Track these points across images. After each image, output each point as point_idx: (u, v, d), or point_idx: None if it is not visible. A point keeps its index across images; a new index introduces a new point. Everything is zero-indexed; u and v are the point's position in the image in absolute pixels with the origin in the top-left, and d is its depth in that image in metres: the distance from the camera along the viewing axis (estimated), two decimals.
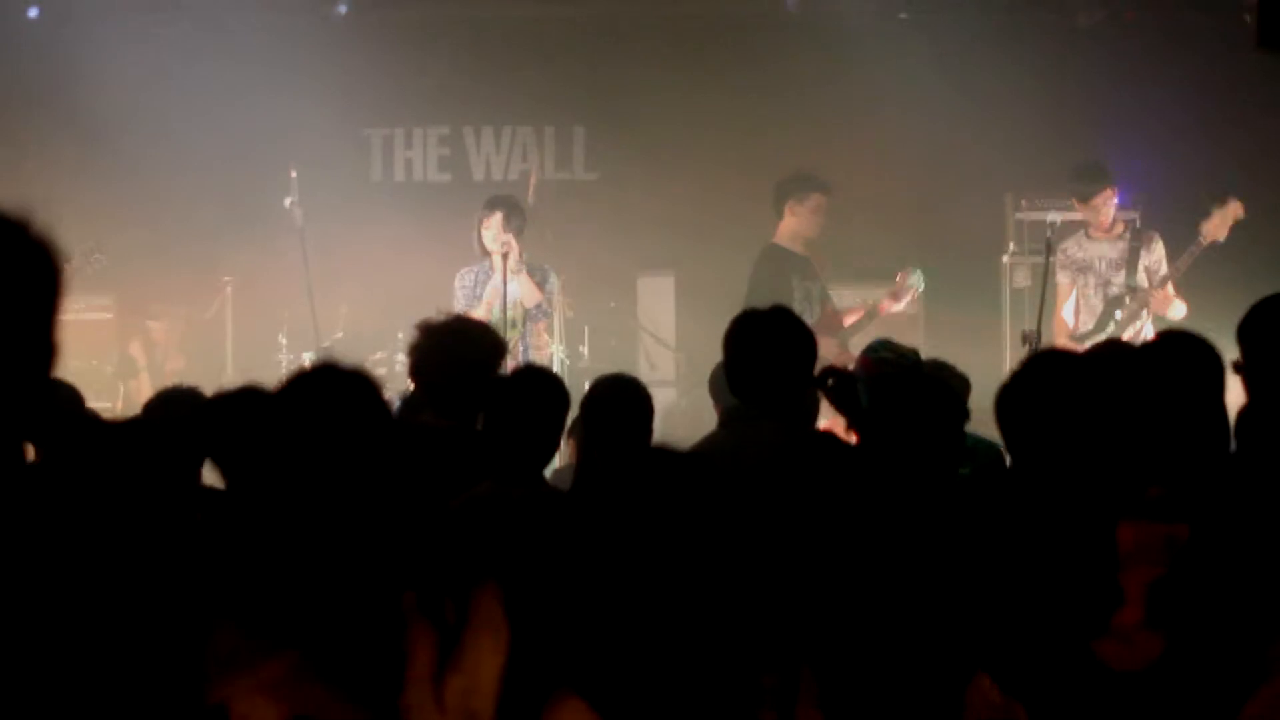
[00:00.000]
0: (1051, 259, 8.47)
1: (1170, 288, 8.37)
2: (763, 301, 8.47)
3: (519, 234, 8.38)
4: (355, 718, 2.15)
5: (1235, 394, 3.54)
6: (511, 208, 8.45)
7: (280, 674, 2.14)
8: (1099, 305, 8.50)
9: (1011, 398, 3.48)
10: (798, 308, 8.54)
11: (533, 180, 9.93)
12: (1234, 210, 8.20)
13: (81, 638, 1.97)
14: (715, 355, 6.08)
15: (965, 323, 9.12)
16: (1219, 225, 8.19)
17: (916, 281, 8.71)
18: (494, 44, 10.69)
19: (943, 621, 3.11)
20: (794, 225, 8.76)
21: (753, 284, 8.69)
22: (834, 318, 8.74)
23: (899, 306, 8.75)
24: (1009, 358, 9.15)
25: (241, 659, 2.15)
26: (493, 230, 8.31)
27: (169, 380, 7.79)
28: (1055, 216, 8.52)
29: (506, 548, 3.15)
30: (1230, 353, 3.56)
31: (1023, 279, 9.68)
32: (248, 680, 2.14)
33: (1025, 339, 7.83)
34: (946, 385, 4.15)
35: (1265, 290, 3.56)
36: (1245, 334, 3.52)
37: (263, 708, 2.12)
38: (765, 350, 4.34)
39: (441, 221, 10.05)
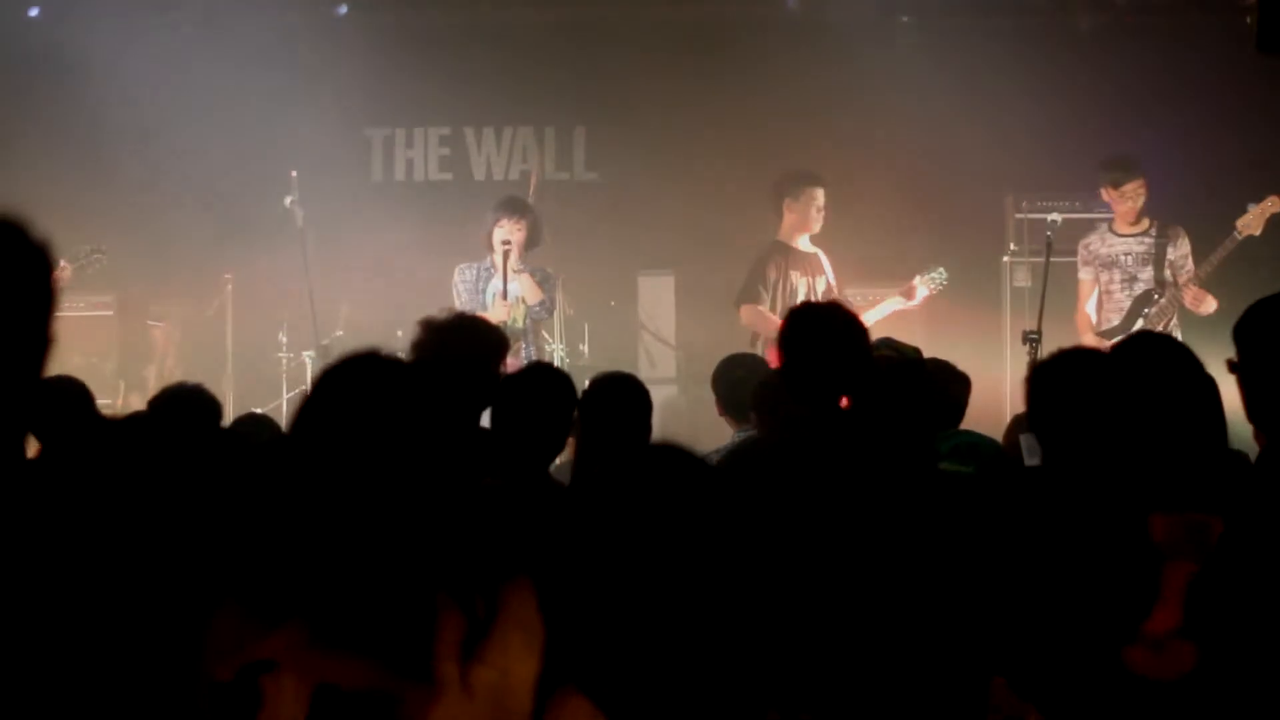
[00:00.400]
0: (1075, 259, 8.50)
1: (1197, 282, 8.33)
2: (757, 295, 8.59)
3: (534, 244, 8.37)
4: (376, 679, 2.14)
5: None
6: (537, 224, 8.39)
7: (291, 644, 2.13)
8: (1125, 301, 8.46)
9: (1044, 395, 3.45)
10: (798, 302, 8.64)
11: (534, 181, 9.93)
12: (1271, 205, 8.21)
13: (83, 624, 1.98)
14: (715, 353, 6.10)
15: (966, 322, 9.12)
16: (1255, 220, 8.20)
17: (938, 278, 8.73)
18: (494, 45, 10.69)
19: (956, 622, 3.08)
20: (792, 221, 8.79)
21: (749, 277, 8.73)
22: None
23: (913, 303, 8.75)
24: (1009, 358, 9.16)
25: (249, 634, 2.15)
26: (505, 230, 8.26)
27: (169, 379, 7.79)
28: (1055, 216, 8.52)
29: (529, 544, 3.14)
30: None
31: (1023, 279, 9.69)
32: (260, 651, 2.13)
33: (1026, 339, 7.84)
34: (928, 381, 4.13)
35: (1267, 288, 3.56)
36: (1241, 335, 3.52)
37: (283, 680, 2.12)
38: (831, 345, 4.05)
39: (442, 221, 10.06)
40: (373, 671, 2.13)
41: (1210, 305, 8.24)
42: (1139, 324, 8.24)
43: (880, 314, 8.62)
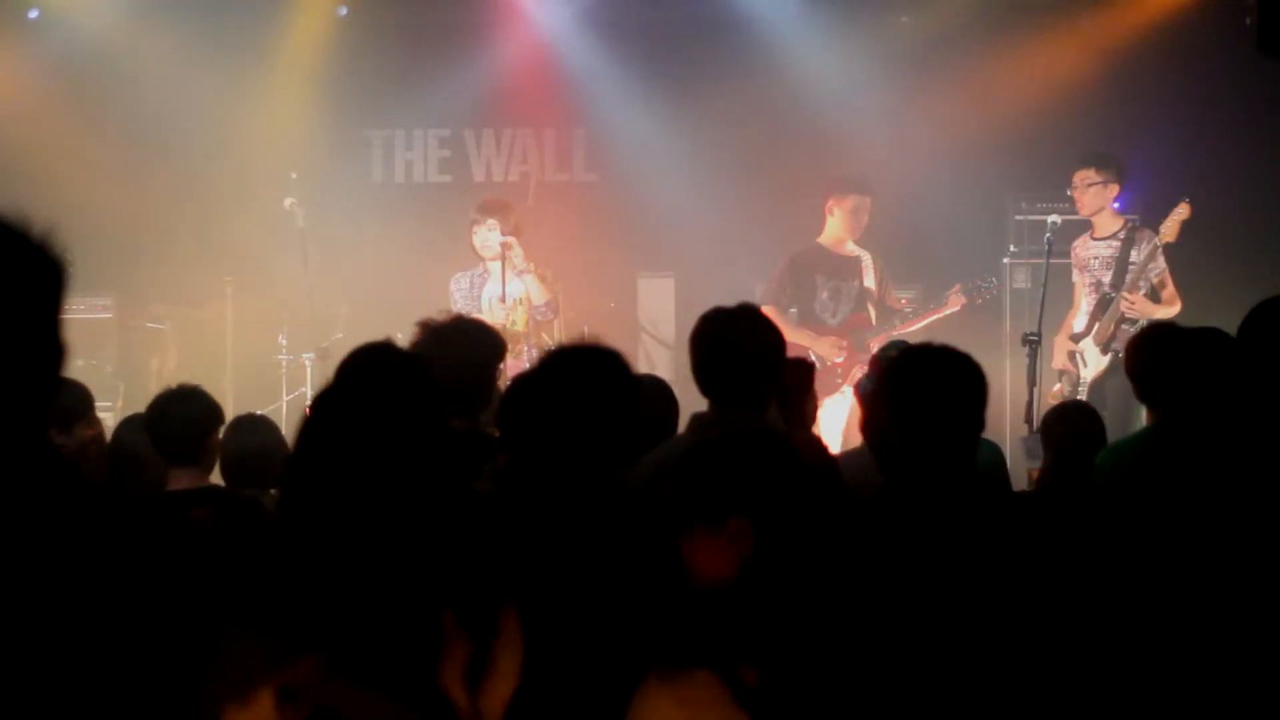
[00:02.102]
0: (1055, 260, 8.50)
1: (1161, 283, 8.33)
2: (774, 298, 8.68)
3: (518, 234, 8.39)
4: (383, 710, 2.12)
5: None
6: (504, 211, 8.45)
7: (305, 675, 2.11)
8: (1090, 305, 8.50)
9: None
10: (820, 306, 8.77)
11: (533, 182, 9.94)
12: (1181, 212, 8.23)
13: (86, 648, 1.96)
14: None
15: (965, 323, 9.11)
16: (1171, 226, 8.23)
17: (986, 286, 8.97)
18: (493, 46, 10.68)
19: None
20: (833, 225, 8.97)
21: (774, 279, 8.93)
22: (860, 320, 8.87)
23: (950, 311, 8.92)
24: (1009, 359, 9.15)
25: (266, 667, 2.12)
26: (480, 236, 8.35)
27: (170, 381, 7.77)
28: (1055, 218, 8.52)
29: (528, 553, 3.09)
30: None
31: (1023, 280, 9.69)
32: (272, 684, 2.10)
33: (1026, 340, 7.84)
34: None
35: (1267, 287, 3.57)
36: (1246, 334, 3.52)
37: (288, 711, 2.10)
38: (727, 349, 4.04)
39: (442, 223, 10.05)
40: (389, 706, 2.10)
41: (1156, 311, 8.21)
42: (1096, 328, 8.32)
43: (927, 322, 8.84)
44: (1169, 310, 8.22)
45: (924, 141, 10.25)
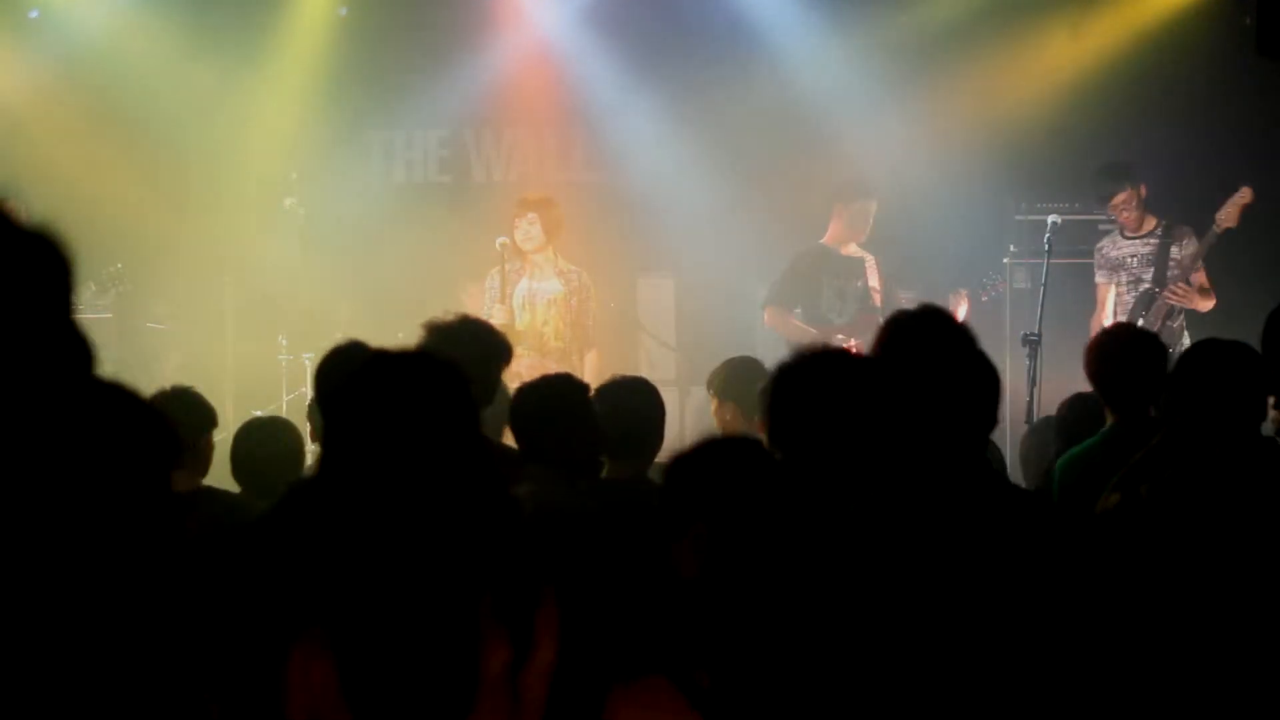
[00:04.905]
0: (1075, 261, 8.56)
1: (1198, 281, 8.37)
2: (783, 298, 8.74)
3: (559, 229, 8.50)
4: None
5: None
6: (545, 206, 8.53)
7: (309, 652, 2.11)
8: (1131, 303, 8.54)
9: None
10: (825, 305, 8.80)
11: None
12: (1244, 196, 8.25)
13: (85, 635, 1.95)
14: (714, 355, 6.10)
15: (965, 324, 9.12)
16: (1231, 212, 8.24)
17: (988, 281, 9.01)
18: (493, 46, 10.68)
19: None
20: (839, 226, 9.01)
21: (780, 279, 8.96)
22: (868, 319, 8.90)
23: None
24: (1009, 360, 9.15)
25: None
26: (522, 230, 8.43)
27: (170, 381, 7.77)
28: (1055, 218, 8.54)
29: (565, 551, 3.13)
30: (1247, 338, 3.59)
31: (1023, 280, 9.69)
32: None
33: (1026, 340, 7.84)
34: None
35: (1266, 289, 3.58)
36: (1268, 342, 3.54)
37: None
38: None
39: (441, 223, 10.05)
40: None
41: (1199, 304, 8.29)
42: (1139, 325, 8.29)
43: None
44: (1208, 303, 8.32)
45: (924, 142, 10.25)
